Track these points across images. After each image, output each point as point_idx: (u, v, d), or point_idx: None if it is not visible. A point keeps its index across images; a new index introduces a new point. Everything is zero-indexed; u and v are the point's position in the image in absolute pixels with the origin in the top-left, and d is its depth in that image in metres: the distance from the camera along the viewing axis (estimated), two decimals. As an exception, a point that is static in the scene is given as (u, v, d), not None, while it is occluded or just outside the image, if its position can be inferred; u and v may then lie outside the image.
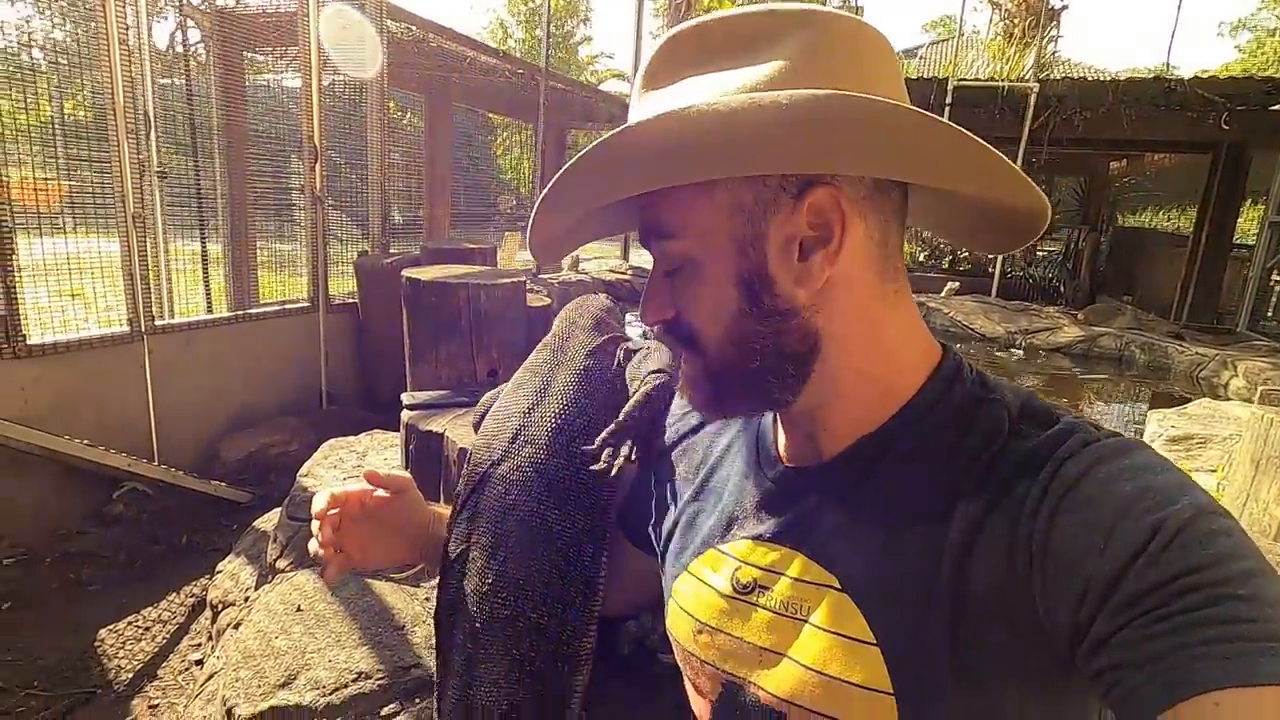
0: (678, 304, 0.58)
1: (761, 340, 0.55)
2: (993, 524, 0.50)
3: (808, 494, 0.60)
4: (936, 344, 0.60)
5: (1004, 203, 0.56)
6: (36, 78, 3.03)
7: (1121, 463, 0.48)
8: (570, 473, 0.88)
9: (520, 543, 0.85)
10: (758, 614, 0.59)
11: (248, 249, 4.14)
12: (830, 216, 0.53)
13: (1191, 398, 4.90)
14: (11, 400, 2.66)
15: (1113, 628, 0.42)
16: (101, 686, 2.03)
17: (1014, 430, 0.53)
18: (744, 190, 0.53)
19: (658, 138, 0.50)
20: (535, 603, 0.83)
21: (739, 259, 0.54)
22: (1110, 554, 0.43)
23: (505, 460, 0.90)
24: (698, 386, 0.60)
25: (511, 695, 0.81)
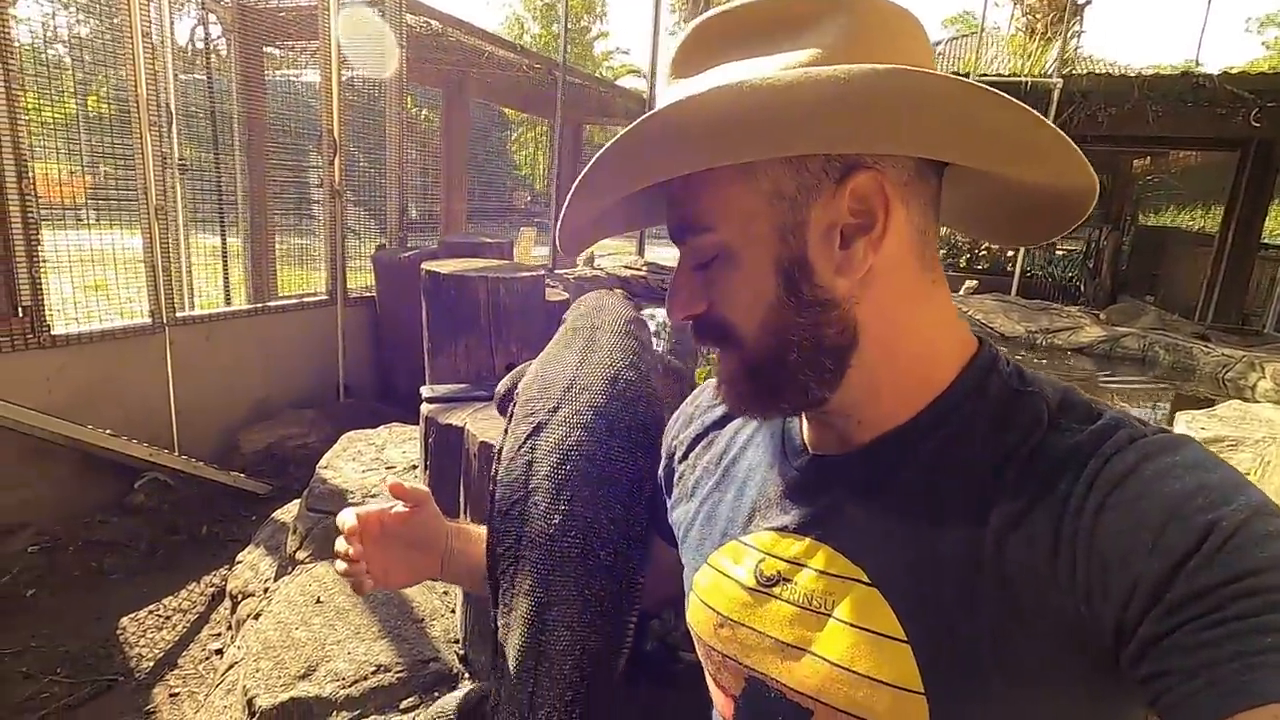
0: (710, 297, 0.56)
1: (800, 332, 0.53)
2: (1033, 520, 0.48)
3: (835, 484, 0.58)
4: (972, 335, 0.58)
5: (1048, 185, 0.54)
6: (61, 73, 3.07)
7: (1171, 459, 0.46)
8: (630, 414, 0.89)
9: (587, 482, 0.85)
10: (780, 607, 0.57)
11: (267, 242, 4.17)
12: (873, 202, 0.51)
13: (1217, 399, 4.82)
14: (36, 390, 2.69)
15: (1162, 631, 0.40)
16: (123, 674, 2.05)
17: (1054, 424, 0.51)
18: (786, 175, 0.51)
19: (707, 113, 0.48)
20: (604, 541, 0.83)
21: (779, 246, 0.52)
22: (1160, 553, 0.42)
23: (562, 407, 0.91)
24: (734, 384, 0.58)
25: (584, 639, 0.80)
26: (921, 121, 0.49)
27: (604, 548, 0.83)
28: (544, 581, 0.82)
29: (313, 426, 3.60)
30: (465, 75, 5.88)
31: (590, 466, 0.86)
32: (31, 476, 2.73)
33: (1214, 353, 5.31)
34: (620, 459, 0.87)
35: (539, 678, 0.80)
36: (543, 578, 0.82)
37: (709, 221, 0.54)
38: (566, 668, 0.79)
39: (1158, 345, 5.62)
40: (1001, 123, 0.49)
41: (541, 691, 0.79)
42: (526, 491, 0.87)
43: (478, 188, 6.95)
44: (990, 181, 0.57)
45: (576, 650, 0.80)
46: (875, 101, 0.47)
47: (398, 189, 4.40)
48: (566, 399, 0.92)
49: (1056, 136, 0.50)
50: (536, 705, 0.79)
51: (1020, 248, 7.12)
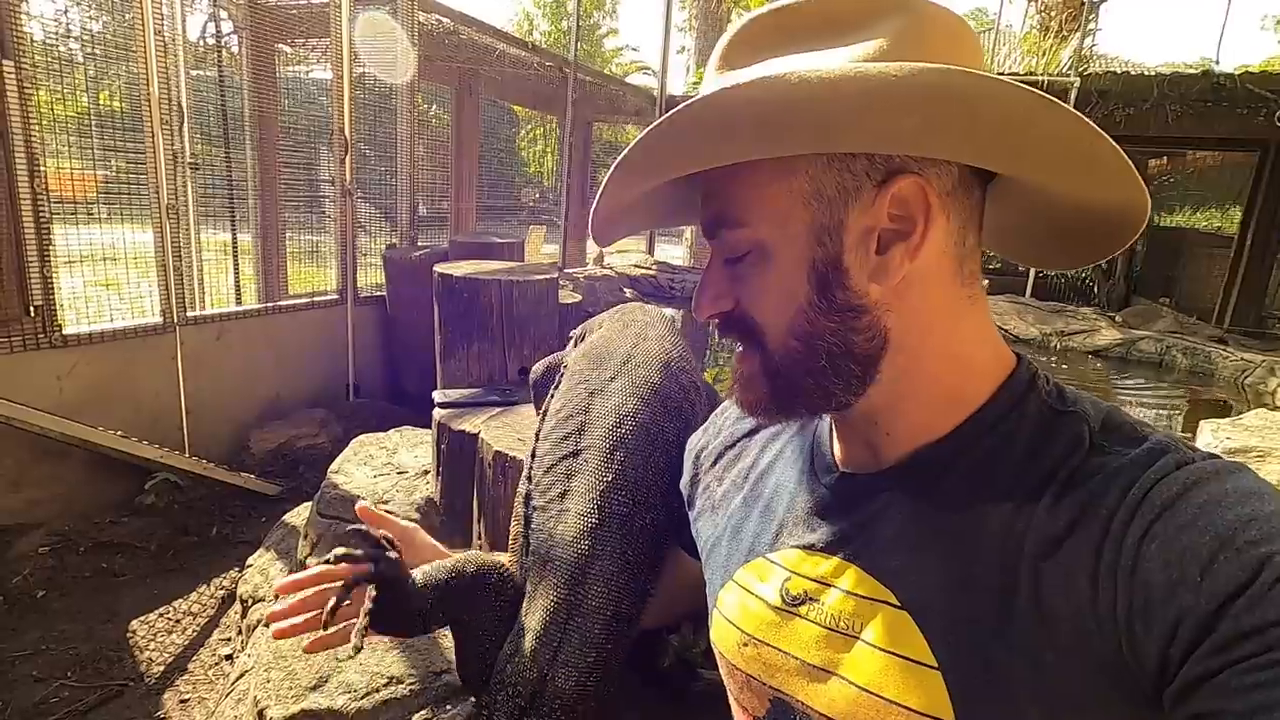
0: (739, 294, 0.55)
1: (829, 337, 0.52)
2: (1072, 546, 0.45)
3: (864, 502, 0.56)
4: (1010, 352, 0.56)
5: (1097, 202, 0.52)
6: (74, 69, 3.06)
7: (1222, 486, 0.43)
8: (680, 395, 0.96)
9: (638, 446, 0.89)
10: (807, 628, 0.56)
11: (277, 240, 4.17)
12: (914, 208, 0.50)
13: (1234, 403, 4.75)
14: (48, 390, 2.69)
15: (1209, 670, 0.38)
16: (133, 679, 2.04)
17: (1095, 446, 0.48)
18: (827, 175, 0.50)
19: (754, 102, 0.46)
20: (649, 506, 0.85)
21: (814, 248, 0.51)
22: (1209, 588, 0.39)
23: (619, 378, 0.97)
24: (751, 386, 0.57)
25: (617, 601, 0.81)
26: (974, 125, 0.47)
27: (649, 512, 0.85)
28: (591, 534, 0.83)
29: (323, 427, 3.59)
30: (476, 73, 5.86)
31: (643, 433, 0.90)
32: (43, 476, 2.73)
33: (1233, 357, 5.23)
34: (670, 432, 0.91)
35: (568, 634, 0.79)
36: (590, 530, 0.83)
37: (745, 217, 0.53)
38: (597, 628, 0.80)
39: (1175, 349, 5.55)
40: (1058, 131, 0.47)
41: (567, 649, 0.79)
42: (577, 449, 0.90)
43: (487, 185, 6.94)
44: (1035, 198, 0.55)
45: (609, 610, 0.80)
46: (926, 101, 0.45)
47: (409, 187, 4.39)
48: (623, 371, 0.98)
49: (1114, 150, 0.47)
50: (559, 663, 0.79)
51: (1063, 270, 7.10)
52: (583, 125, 7.96)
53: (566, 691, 0.78)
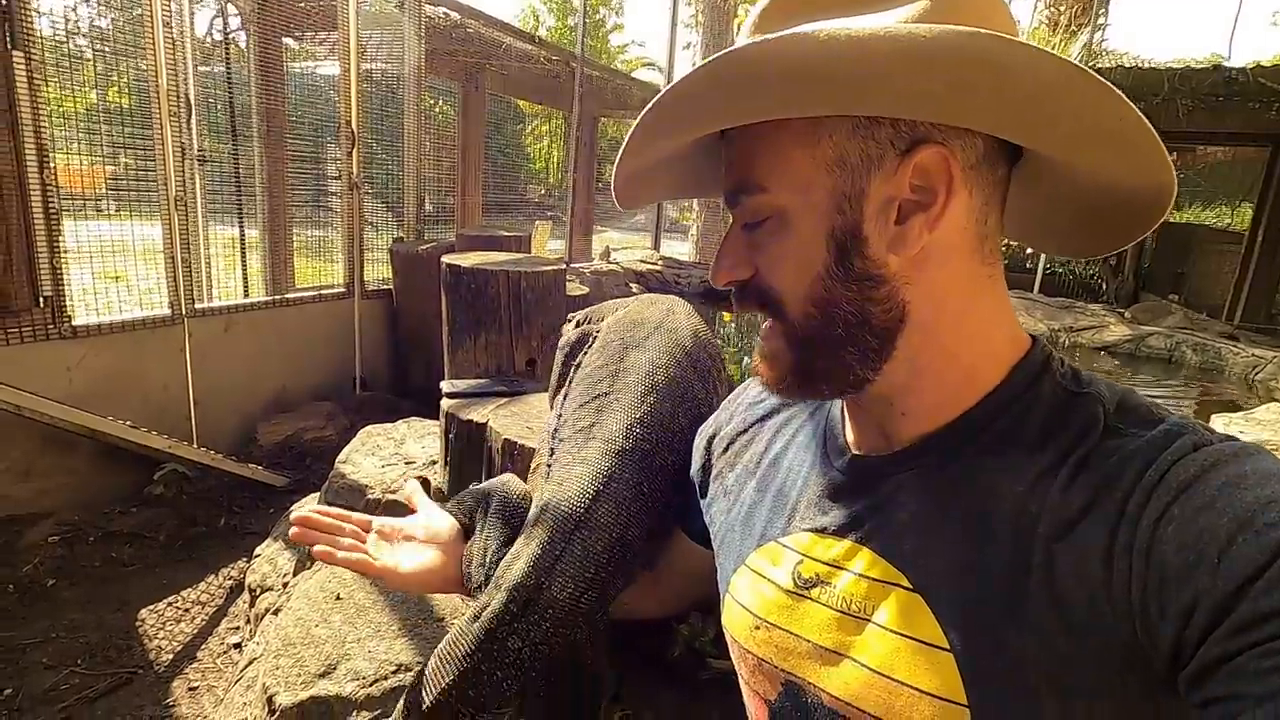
0: (757, 262, 0.55)
1: (846, 305, 0.52)
2: (1087, 529, 0.45)
3: (877, 485, 0.56)
4: (1025, 334, 0.56)
5: (1122, 183, 0.51)
6: (83, 65, 3.07)
7: (1241, 468, 0.42)
8: (707, 358, 1.04)
9: (669, 394, 0.94)
10: (819, 610, 0.56)
11: (284, 234, 4.18)
12: (935, 180, 0.49)
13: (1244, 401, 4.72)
14: (57, 380, 2.71)
15: (1226, 653, 0.37)
16: (142, 666, 2.05)
17: (1110, 428, 0.48)
18: (852, 142, 0.49)
19: (781, 58, 0.45)
20: (670, 448, 0.89)
21: (834, 216, 0.51)
22: (1226, 569, 0.38)
23: (653, 336, 1.04)
24: (777, 360, 0.56)
25: (625, 526, 0.83)
26: (1001, 90, 0.46)
27: (670, 454, 0.88)
28: (613, 456, 0.87)
29: (330, 419, 3.60)
30: (482, 67, 5.86)
31: (674, 385, 0.96)
32: (53, 466, 2.75)
33: (1244, 353, 5.20)
34: (698, 391, 0.97)
35: (571, 544, 0.81)
36: (613, 453, 0.87)
37: (766, 183, 0.52)
38: (600, 544, 0.81)
39: (1185, 345, 5.52)
40: (1089, 102, 0.46)
41: (568, 559, 0.80)
42: (610, 390, 0.96)
43: (493, 180, 6.94)
44: (1059, 181, 0.54)
45: (615, 532, 0.82)
46: (954, 63, 0.44)
47: (415, 181, 4.39)
48: (657, 333, 1.05)
49: (1142, 124, 0.46)
50: (557, 572, 0.79)
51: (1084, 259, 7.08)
52: (589, 120, 7.95)
53: (560, 602, 0.78)
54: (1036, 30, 10.67)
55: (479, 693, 0.73)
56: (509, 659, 0.75)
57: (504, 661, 0.75)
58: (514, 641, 0.75)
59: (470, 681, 0.74)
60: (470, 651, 0.75)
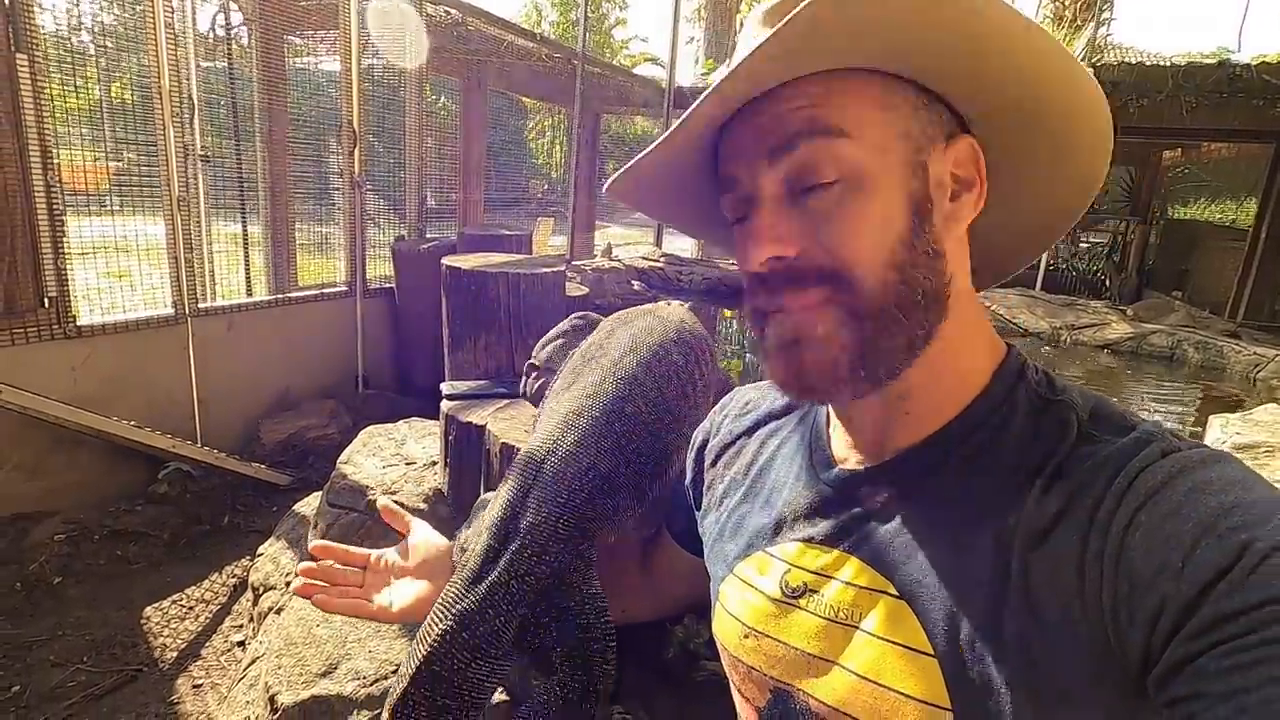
0: (812, 231, 0.51)
1: (925, 271, 0.52)
2: (1060, 535, 0.46)
3: (863, 495, 0.57)
4: (1000, 339, 0.58)
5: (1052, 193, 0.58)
6: (85, 61, 3.08)
7: (1206, 474, 0.44)
8: (691, 334, 1.05)
9: (646, 356, 0.96)
10: (807, 619, 0.56)
11: (287, 232, 4.19)
12: (970, 168, 0.53)
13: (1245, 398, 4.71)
14: (62, 380, 2.73)
15: (1190, 654, 0.38)
16: (147, 664, 2.08)
17: (1084, 435, 0.49)
18: (916, 119, 0.52)
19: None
20: (642, 398, 0.90)
21: (911, 179, 0.51)
22: (1190, 573, 0.40)
23: (641, 319, 1.07)
24: (830, 341, 0.52)
25: (595, 460, 0.84)
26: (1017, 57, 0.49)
27: (643, 404, 0.90)
28: (583, 398, 0.90)
29: (333, 418, 3.62)
30: (484, 65, 5.85)
31: (656, 349, 0.98)
32: (59, 465, 2.77)
33: (1246, 351, 5.18)
34: (674, 357, 0.98)
35: (541, 473, 0.82)
36: (582, 395, 0.90)
37: (850, 128, 0.50)
38: (570, 471, 0.82)
39: (1186, 343, 5.50)
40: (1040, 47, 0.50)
41: (539, 486, 0.82)
42: (597, 356, 0.98)
43: (495, 177, 6.94)
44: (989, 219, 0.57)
45: (585, 460, 0.83)
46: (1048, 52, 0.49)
47: (417, 179, 4.40)
48: (645, 316, 1.08)
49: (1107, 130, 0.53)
50: (531, 499, 0.81)
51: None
52: (591, 117, 7.94)
53: (537, 527, 0.79)
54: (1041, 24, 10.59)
55: (474, 635, 0.73)
56: (499, 595, 0.76)
57: (495, 600, 0.76)
58: (500, 576, 0.76)
59: (465, 624, 0.74)
60: (461, 594, 0.76)
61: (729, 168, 0.56)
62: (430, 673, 0.73)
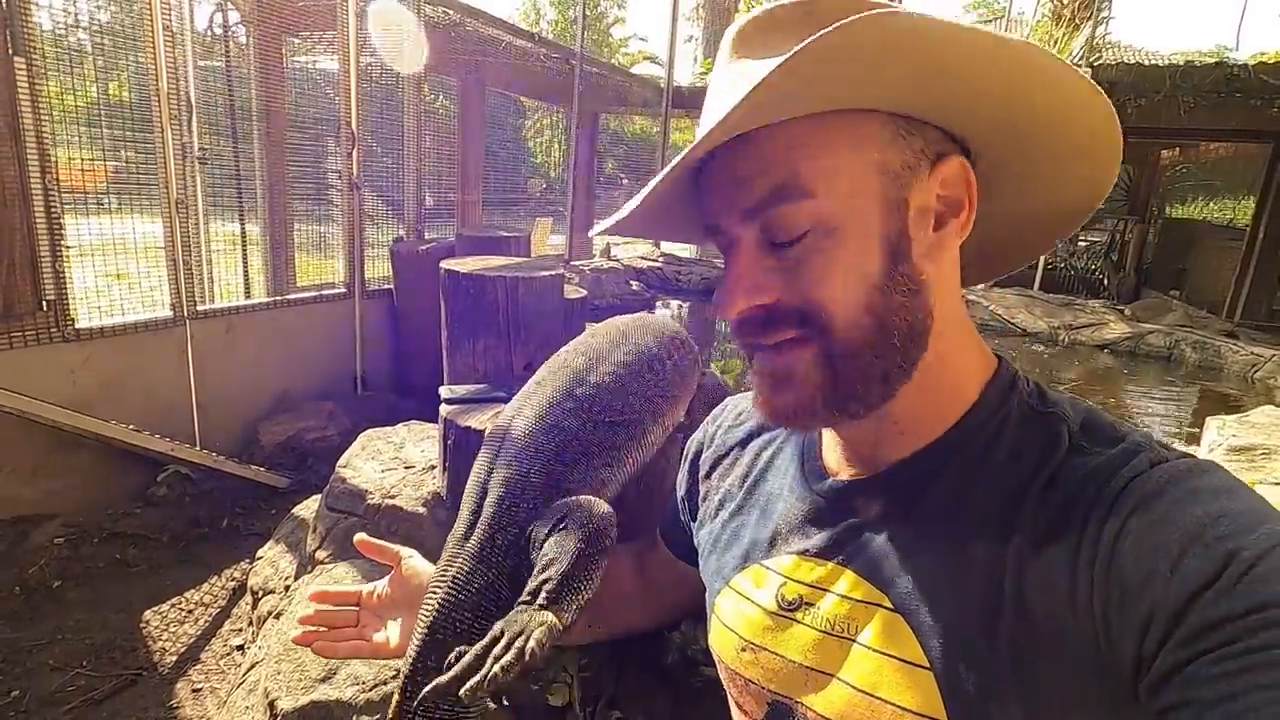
0: (790, 282, 0.52)
1: (901, 313, 0.51)
2: (1052, 546, 0.47)
3: (859, 509, 0.58)
4: (991, 351, 0.58)
5: (1055, 197, 0.57)
6: (82, 60, 3.07)
7: (1193, 484, 0.44)
8: (671, 331, 1.16)
9: (624, 353, 1.05)
10: (804, 632, 0.57)
11: (285, 233, 4.18)
12: (960, 189, 0.52)
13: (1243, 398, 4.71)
14: (61, 383, 2.72)
15: (1179, 661, 0.39)
16: (147, 668, 2.08)
17: (1075, 447, 0.50)
18: (891, 149, 0.50)
19: (878, 34, 0.44)
20: (602, 369, 1.00)
21: (887, 220, 0.51)
22: (1178, 582, 0.40)
23: (625, 318, 1.18)
24: (806, 380, 0.53)
25: (561, 413, 0.93)
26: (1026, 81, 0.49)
27: (612, 380, 0.99)
28: (561, 363, 1.00)
29: (331, 419, 3.62)
30: (482, 65, 5.84)
31: (626, 333, 1.08)
32: (58, 468, 2.77)
33: (1243, 351, 5.19)
34: (649, 343, 1.08)
35: (510, 434, 0.90)
36: (563, 359, 1.02)
37: (814, 187, 0.50)
38: (538, 429, 0.90)
39: (1184, 343, 5.51)
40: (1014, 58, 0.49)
41: (509, 447, 0.88)
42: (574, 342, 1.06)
43: (494, 177, 6.93)
44: (987, 216, 0.57)
45: (550, 419, 0.91)
46: (1028, 62, 0.47)
47: (415, 179, 4.39)
48: (634, 316, 1.19)
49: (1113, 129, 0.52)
50: (499, 465, 0.87)
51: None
52: (590, 117, 7.93)
53: (510, 480, 0.84)
54: (1040, 23, 10.59)
55: (471, 594, 0.77)
56: (486, 550, 0.80)
57: (484, 555, 0.80)
58: (484, 532, 0.81)
59: (459, 586, 0.77)
60: (450, 559, 0.80)
61: (709, 216, 0.56)
62: (435, 641, 0.75)
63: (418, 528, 1.81)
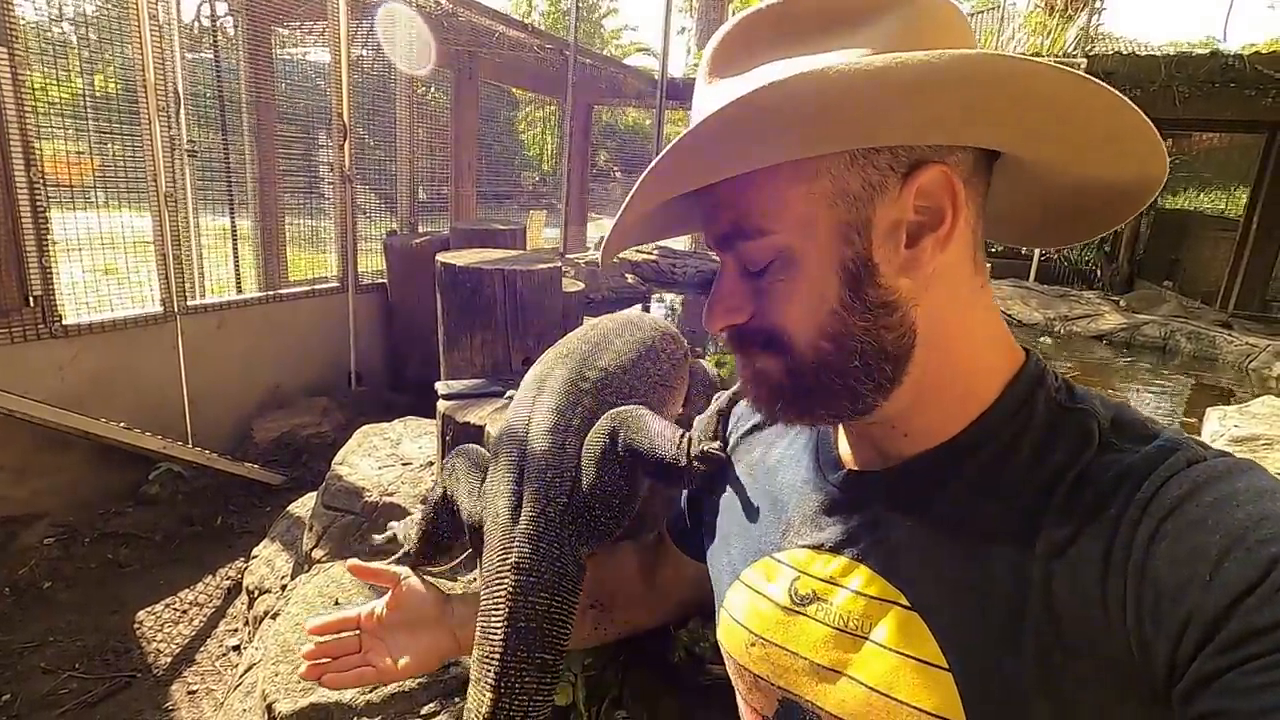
0: (759, 304, 0.53)
1: (861, 336, 0.51)
2: (1081, 546, 0.45)
3: (874, 501, 0.56)
4: (1019, 346, 0.56)
5: (1109, 179, 0.51)
6: (67, 52, 3.01)
7: (1234, 484, 0.43)
8: (653, 323, 1.20)
9: (626, 340, 1.10)
10: (816, 628, 0.55)
11: (277, 227, 4.13)
12: (941, 199, 0.49)
13: (1237, 388, 4.74)
14: (49, 380, 2.68)
15: (1217, 669, 0.37)
16: (141, 670, 2.05)
17: (1105, 444, 0.48)
18: (850, 172, 0.48)
19: (794, 99, 0.44)
20: (628, 378, 1.03)
21: (843, 248, 0.49)
22: (1218, 586, 0.39)
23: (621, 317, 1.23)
24: (767, 381, 0.55)
25: (574, 386, 0.96)
26: (1017, 110, 0.45)
27: (616, 363, 1.04)
28: (570, 349, 1.04)
29: (325, 415, 3.59)
30: (475, 56, 5.78)
31: (625, 324, 1.15)
32: (46, 467, 2.73)
33: (1238, 341, 5.22)
34: (645, 337, 1.13)
35: (539, 400, 0.93)
36: (571, 343, 1.06)
37: (767, 225, 0.50)
38: (565, 403, 0.93)
39: (1179, 334, 5.53)
40: (1099, 110, 0.45)
41: (540, 408, 0.91)
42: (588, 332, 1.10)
43: (487, 169, 6.88)
44: (1038, 180, 0.54)
45: (573, 396, 0.95)
46: (970, 87, 0.44)
47: (408, 171, 4.35)
48: (621, 314, 1.22)
49: (1146, 125, 0.46)
50: (532, 438, 0.89)
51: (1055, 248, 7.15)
52: (583, 109, 7.88)
53: (549, 453, 0.86)
54: (1033, 14, 10.58)
55: (539, 573, 0.78)
56: (540, 526, 0.81)
57: (539, 531, 0.80)
58: (532, 509, 0.81)
59: (524, 569, 0.77)
60: (504, 548, 0.80)
61: (704, 234, 0.58)
62: (517, 630, 0.74)
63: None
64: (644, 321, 1.21)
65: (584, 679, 1.11)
